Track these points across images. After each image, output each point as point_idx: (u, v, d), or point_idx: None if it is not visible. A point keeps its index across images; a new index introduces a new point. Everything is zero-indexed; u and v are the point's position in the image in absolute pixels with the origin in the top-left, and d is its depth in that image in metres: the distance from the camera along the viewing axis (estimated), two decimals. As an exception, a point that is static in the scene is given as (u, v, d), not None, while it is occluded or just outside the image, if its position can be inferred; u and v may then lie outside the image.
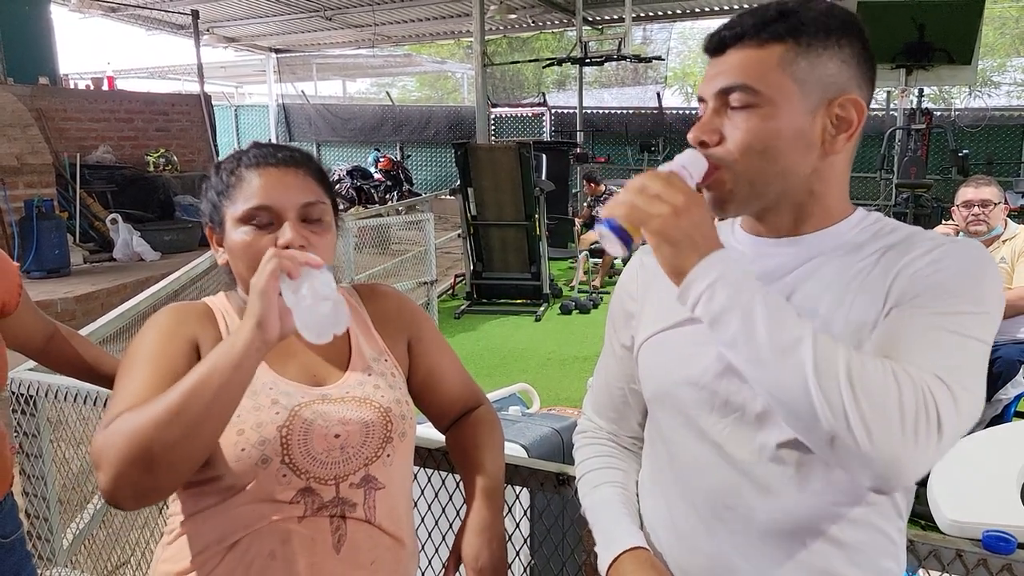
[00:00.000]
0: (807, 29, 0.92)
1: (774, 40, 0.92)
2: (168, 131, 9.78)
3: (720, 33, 0.96)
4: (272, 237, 1.13)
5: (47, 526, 2.36)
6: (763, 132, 0.92)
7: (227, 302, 1.24)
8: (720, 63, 0.95)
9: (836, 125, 0.93)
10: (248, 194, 1.14)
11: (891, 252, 0.94)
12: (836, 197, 0.98)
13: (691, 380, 1.00)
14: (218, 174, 1.20)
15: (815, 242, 0.98)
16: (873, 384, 0.77)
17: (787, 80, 0.91)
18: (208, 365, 0.97)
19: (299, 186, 1.16)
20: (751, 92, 0.92)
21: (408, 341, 1.33)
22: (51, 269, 6.95)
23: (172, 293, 3.74)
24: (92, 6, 12.69)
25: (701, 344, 0.99)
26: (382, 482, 1.18)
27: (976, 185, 3.60)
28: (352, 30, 15.54)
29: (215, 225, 1.21)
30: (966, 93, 14.09)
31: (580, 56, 9.39)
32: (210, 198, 1.21)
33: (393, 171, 14.47)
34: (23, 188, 7.22)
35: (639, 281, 1.14)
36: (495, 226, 7.73)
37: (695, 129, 0.96)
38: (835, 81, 0.92)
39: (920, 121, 8.32)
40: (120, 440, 0.94)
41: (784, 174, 0.94)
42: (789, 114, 0.92)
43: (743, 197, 0.96)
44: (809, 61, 0.91)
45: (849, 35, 0.93)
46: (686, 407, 1.02)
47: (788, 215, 0.98)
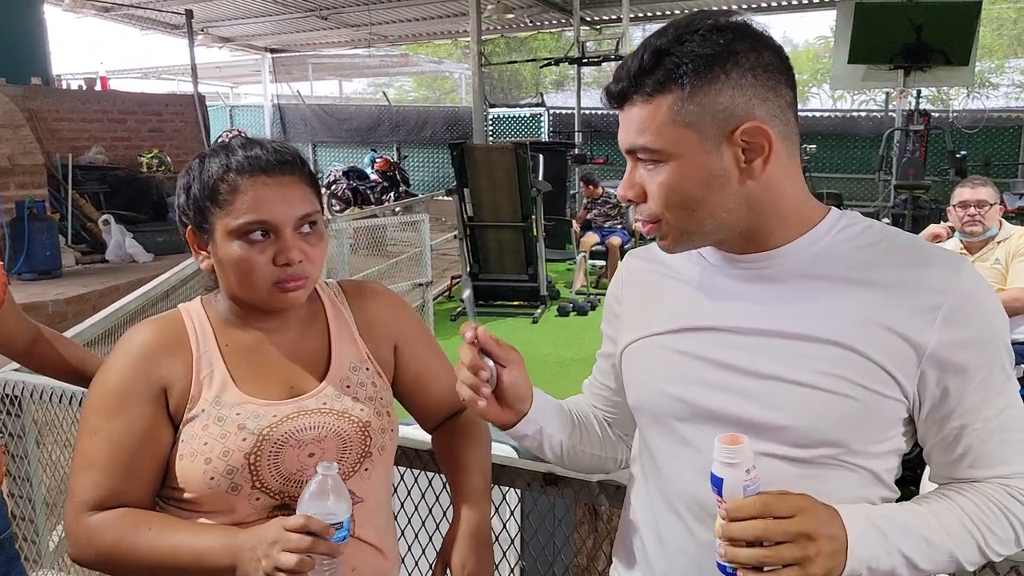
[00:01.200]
0: (685, 70, 0.88)
1: (658, 92, 0.89)
2: (162, 132, 9.73)
3: (610, 88, 0.95)
4: (268, 254, 1.10)
5: (33, 528, 2.34)
6: (675, 185, 0.91)
7: (203, 311, 1.20)
8: (623, 117, 0.95)
9: (747, 152, 0.90)
10: (244, 207, 1.09)
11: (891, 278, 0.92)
12: (791, 209, 0.95)
13: (668, 389, 1.01)
14: (204, 173, 1.13)
15: (786, 257, 0.96)
16: (1004, 540, 0.92)
17: (680, 129, 0.89)
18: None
19: (296, 197, 1.12)
20: (651, 151, 0.91)
21: (395, 345, 1.29)
22: (42, 271, 6.90)
23: (162, 295, 3.70)
24: (85, 6, 12.64)
25: (678, 352, 1.00)
26: (360, 496, 1.17)
27: (972, 185, 3.58)
28: (348, 30, 15.51)
29: (199, 229, 1.15)
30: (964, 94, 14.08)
31: (578, 56, 9.35)
32: (194, 199, 1.14)
33: (389, 172, 14.42)
34: (14, 189, 7.18)
35: (624, 286, 1.14)
36: (492, 227, 7.69)
37: (621, 188, 0.98)
38: (731, 112, 0.88)
39: (918, 122, 8.33)
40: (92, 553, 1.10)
41: (712, 215, 0.93)
42: (694, 160, 0.90)
43: (685, 241, 0.97)
44: (697, 103, 0.88)
45: (735, 56, 0.88)
46: (665, 415, 1.02)
47: (743, 240, 0.97)
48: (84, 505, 1.09)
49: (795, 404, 0.92)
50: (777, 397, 0.92)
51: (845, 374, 0.90)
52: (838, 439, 0.92)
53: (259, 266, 1.09)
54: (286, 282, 1.11)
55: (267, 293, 1.12)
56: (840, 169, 12.09)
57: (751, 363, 0.95)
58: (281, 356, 1.18)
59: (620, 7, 10.58)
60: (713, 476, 0.85)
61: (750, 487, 0.83)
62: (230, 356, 1.16)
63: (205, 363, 1.14)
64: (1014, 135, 12.44)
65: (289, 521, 0.98)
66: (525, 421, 1.11)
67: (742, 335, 0.96)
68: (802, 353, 0.92)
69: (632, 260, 1.16)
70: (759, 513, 0.82)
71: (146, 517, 1.09)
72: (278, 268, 1.10)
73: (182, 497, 1.11)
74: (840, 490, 0.93)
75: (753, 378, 0.94)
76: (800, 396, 0.91)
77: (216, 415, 1.10)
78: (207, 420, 1.10)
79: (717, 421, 0.96)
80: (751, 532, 0.81)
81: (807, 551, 0.81)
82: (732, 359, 0.96)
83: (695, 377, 0.98)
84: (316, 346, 1.21)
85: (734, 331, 0.97)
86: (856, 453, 0.93)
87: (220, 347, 1.16)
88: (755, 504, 0.82)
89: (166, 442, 1.12)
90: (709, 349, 0.98)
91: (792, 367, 0.92)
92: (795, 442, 0.92)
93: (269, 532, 0.99)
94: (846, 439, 0.92)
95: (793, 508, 0.82)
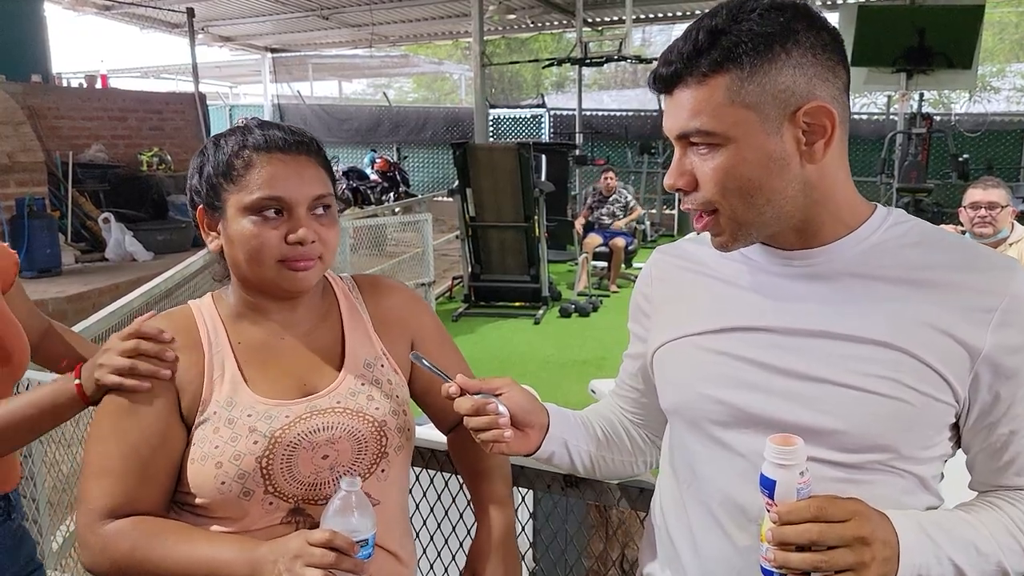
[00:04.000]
0: (745, 49, 0.85)
1: (714, 72, 0.86)
2: (162, 130, 9.71)
3: (659, 71, 0.90)
4: (280, 231, 1.07)
5: (37, 528, 2.32)
6: (733, 169, 0.88)
7: (213, 307, 1.17)
8: (672, 102, 0.91)
9: (808, 133, 0.87)
10: (258, 182, 1.07)
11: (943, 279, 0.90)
12: (843, 200, 0.93)
13: (709, 392, 0.97)
14: (218, 151, 1.11)
15: (835, 254, 0.93)
16: None
17: (740, 110, 0.86)
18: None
19: (311, 177, 1.10)
20: (708, 135, 0.87)
21: (411, 342, 1.26)
22: (42, 269, 6.87)
23: (164, 292, 3.68)
24: (86, 4, 12.61)
25: (719, 353, 0.97)
26: (376, 498, 1.13)
27: (985, 187, 3.57)
28: (349, 30, 15.48)
29: (211, 208, 1.12)
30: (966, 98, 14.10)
31: (580, 57, 9.34)
32: (207, 177, 1.12)
33: (389, 172, 14.40)
34: (14, 187, 7.14)
35: (654, 284, 1.10)
36: (494, 228, 7.67)
37: (669, 176, 0.93)
38: (793, 92, 0.86)
39: (920, 125, 8.32)
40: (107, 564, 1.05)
41: (771, 201, 0.89)
42: (753, 143, 0.87)
43: (742, 235, 0.93)
44: (757, 83, 0.85)
45: (795, 34, 0.85)
46: (704, 418, 0.98)
47: (795, 233, 0.94)
48: (98, 514, 1.05)
49: (845, 408, 0.89)
50: (826, 401, 0.90)
51: (896, 376, 0.88)
52: (888, 444, 0.89)
53: (269, 242, 1.07)
54: (296, 260, 1.08)
55: (275, 271, 1.09)
56: (841, 172, 12.07)
57: (798, 365, 0.92)
58: (293, 352, 1.15)
59: (622, 8, 10.57)
60: (764, 478, 0.82)
61: (803, 490, 0.80)
62: (242, 354, 1.13)
63: (217, 363, 1.12)
64: (1016, 139, 12.45)
65: (314, 535, 0.95)
66: (548, 438, 1.08)
67: (788, 336, 0.93)
68: (852, 355, 0.89)
69: (662, 256, 1.12)
70: (813, 516, 0.79)
71: (162, 526, 1.06)
72: (288, 246, 1.07)
73: (194, 502, 1.09)
74: (887, 496, 0.90)
75: (801, 381, 0.91)
76: (850, 400, 0.89)
77: (227, 417, 1.07)
78: (218, 423, 1.08)
79: (761, 425, 0.93)
80: (806, 536, 0.79)
81: (862, 556, 0.78)
82: (778, 361, 0.93)
83: (738, 379, 0.95)
84: (329, 341, 1.18)
85: (779, 331, 0.94)
86: (905, 458, 0.91)
87: (232, 345, 1.13)
88: (809, 507, 0.79)
89: (179, 445, 1.09)
90: (753, 350, 0.95)
91: (841, 369, 0.89)
92: (844, 447, 0.90)
93: (292, 545, 0.96)
94: (896, 443, 0.89)
95: (848, 512, 0.79)
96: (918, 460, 0.92)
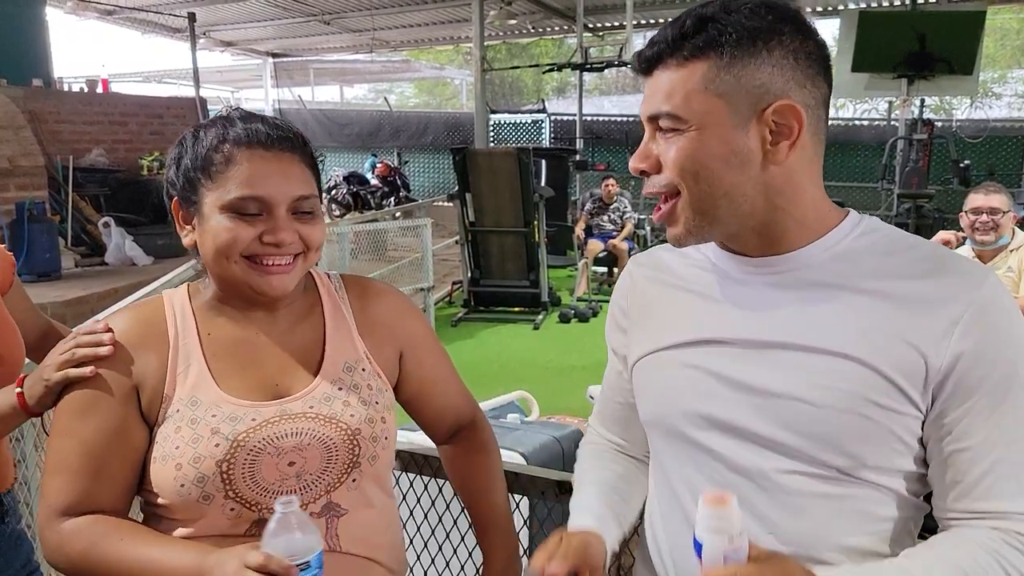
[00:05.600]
0: (728, 39, 0.85)
1: (695, 57, 0.86)
2: (162, 135, 9.69)
3: (643, 53, 0.90)
4: (257, 230, 1.02)
5: (30, 532, 2.28)
6: (693, 153, 0.87)
7: (187, 298, 1.13)
8: (649, 85, 0.90)
9: (775, 133, 0.87)
10: (238, 180, 1.02)
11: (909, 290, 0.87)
12: (809, 207, 0.91)
13: (686, 404, 0.97)
14: (197, 144, 1.06)
15: (799, 261, 0.92)
16: None
17: (711, 98, 0.86)
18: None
19: (294, 176, 1.05)
20: (675, 118, 0.87)
21: (400, 351, 1.21)
22: (42, 273, 6.85)
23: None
24: (88, 8, 12.62)
25: (689, 367, 0.96)
26: (345, 507, 1.09)
27: (986, 192, 3.54)
28: (350, 35, 15.48)
29: (186, 202, 1.08)
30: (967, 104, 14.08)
31: (581, 62, 9.34)
32: (184, 170, 1.07)
33: (390, 177, 14.40)
34: (14, 190, 7.14)
35: (630, 297, 1.09)
36: (493, 232, 7.66)
37: (633, 159, 0.92)
38: (767, 90, 0.86)
39: (922, 131, 8.30)
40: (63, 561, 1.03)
41: (729, 195, 0.88)
42: (718, 133, 0.86)
43: (697, 228, 0.91)
44: (734, 74, 0.85)
45: (781, 35, 0.86)
46: (682, 431, 0.98)
47: (757, 237, 0.92)
48: (55, 510, 1.03)
49: (805, 422, 0.88)
50: (787, 415, 0.89)
51: (856, 389, 0.86)
52: (852, 456, 0.88)
53: (240, 237, 1.01)
54: (264, 257, 1.03)
55: (241, 270, 1.03)
56: (842, 178, 12.05)
57: (760, 379, 0.91)
58: (268, 350, 1.10)
59: (623, 14, 10.57)
60: (694, 540, 0.79)
61: (732, 556, 0.77)
62: (210, 347, 1.08)
63: (183, 357, 1.07)
64: (1018, 145, 12.42)
65: (249, 557, 0.89)
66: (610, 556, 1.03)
67: (751, 348, 0.92)
68: (810, 367, 0.88)
69: (635, 268, 1.11)
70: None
71: (117, 526, 1.03)
72: (261, 244, 1.02)
73: (157, 502, 1.05)
74: (861, 507, 0.89)
75: (762, 395, 0.91)
76: (810, 414, 0.88)
77: (190, 416, 1.03)
78: (180, 422, 1.03)
79: (736, 436, 0.93)
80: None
81: None
82: (741, 374, 0.92)
83: (707, 393, 0.95)
84: (308, 341, 1.13)
85: (743, 343, 0.93)
86: (872, 471, 0.88)
87: (200, 337, 1.08)
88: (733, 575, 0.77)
89: (140, 444, 1.05)
90: (719, 363, 0.94)
91: (800, 383, 0.88)
92: (807, 459, 0.89)
93: (229, 566, 0.90)
94: (860, 456, 0.88)
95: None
96: (887, 473, 0.89)
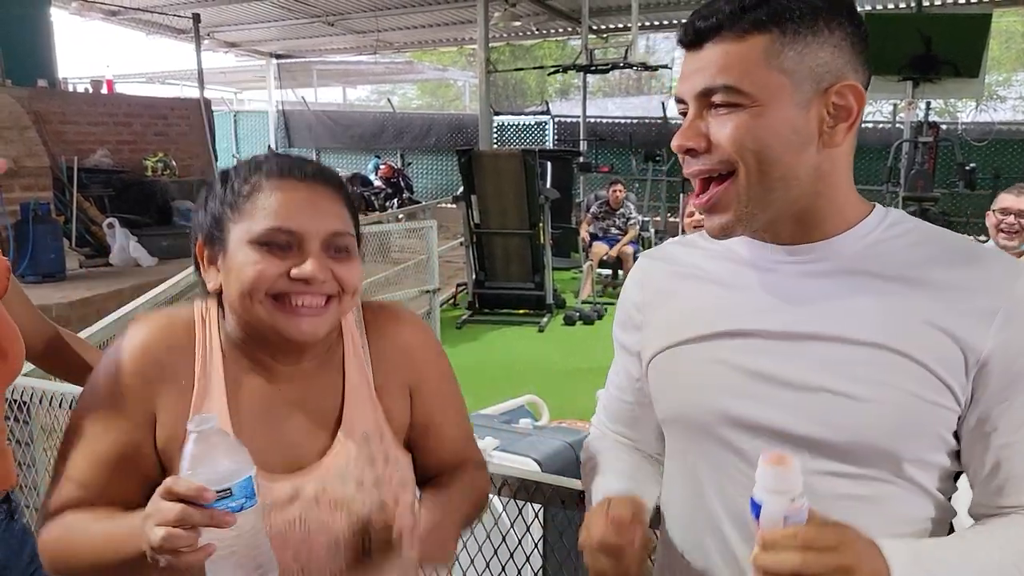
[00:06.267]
0: (792, 14, 0.82)
1: (756, 30, 0.83)
2: (167, 135, 9.69)
3: (695, 24, 0.86)
4: (286, 265, 0.93)
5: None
6: (755, 130, 0.83)
7: (216, 327, 1.02)
8: (698, 59, 0.86)
9: (834, 115, 0.85)
10: (267, 211, 0.94)
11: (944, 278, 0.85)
12: (846, 195, 0.90)
13: (711, 401, 0.93)
14: (227, 183, 0.98)
15: (834, 249, 0.89)
16: None
17: (775, 74, 0.83)
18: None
19: (328, 211, 0.97)
20: (736, 92, 0.83)
21: (409, 388, 1.11)
22: (46, 274, 6.84)
23: (169, 298, 3.65)
24: (92, 9, 12.62)
25: (714, 362, 0.93)
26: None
27: (1018, 192, 3.44)
28: (354, 36, 15.48)
29: (212, 242, 0.99)
30: (972, 107, 14.05)
31: (586, 64, 9.34)
32: (212, 209, 0.99)
33: (393, 178, 14.40)
34: (19, 191, 7.12)
35: (644, 291, 1.06)
36: (498, 234, 7.65)
37: (678, 136, 0.87)
38: (828, 68, 0.84)
39: (927, 134, 8.28)
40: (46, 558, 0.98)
41: (785, 179, 0.85)
42: (781, 112, 0.83)
43: (747, 214, 0.88)
44: (797, 51, 0.83)
45: (839, 17, 0.84)
46: (706, 430, 0.94)
47: (794, 224, 0.90)
48: (50, 513, 0.98)
49: (840, 417, 0.85)
50: (820, 410, 0.86)
51: (893, 381, 0.84)
52: (888, 453, 0.85)
53: (266, 273, 0.92)
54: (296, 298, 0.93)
55: (266, 311, 0.93)
56: (847, 180, 12.04)
57: (791, 372, 0.88)
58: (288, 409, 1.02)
59: (627, 16, 10.57)
60: (752, 501, 0.77)
61: (792, 517, 0.75)
62: (234, 397, 0.99)
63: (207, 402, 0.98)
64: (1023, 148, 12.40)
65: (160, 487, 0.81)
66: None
67: (781, 340, 0.89)
68: (845, 359, 0.85)
69: (648, 262, 1.08)
70: (796, 545, 0.73)
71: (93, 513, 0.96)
72: (289, 281, 0.93)
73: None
74: (893, 507, 0.87)
75: (794, 390, 0.88)
76: (844, 408, 0.85)
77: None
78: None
79: (763, 433, 0.89)
80: (787, 565, 0.73)
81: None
82: (771, 368, 0.89)
83: (734, 388, 0.91)
84: (328, 394, 1.05)
85: (771, 335, 0.90)
86: (908, 468, 0.86)
87: (226, 382, 1.00)
88: (794, 535, 0.74)
89: (150, 472, 0.98)
90: (746, 357, 0.91)
91: (835, 375, 0.85)
92: (843, 458, 0.86)
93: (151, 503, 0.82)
94: (897, 452, 0.85)
95: (834, 540, 0.74)
96: (923, 470, 0.87)
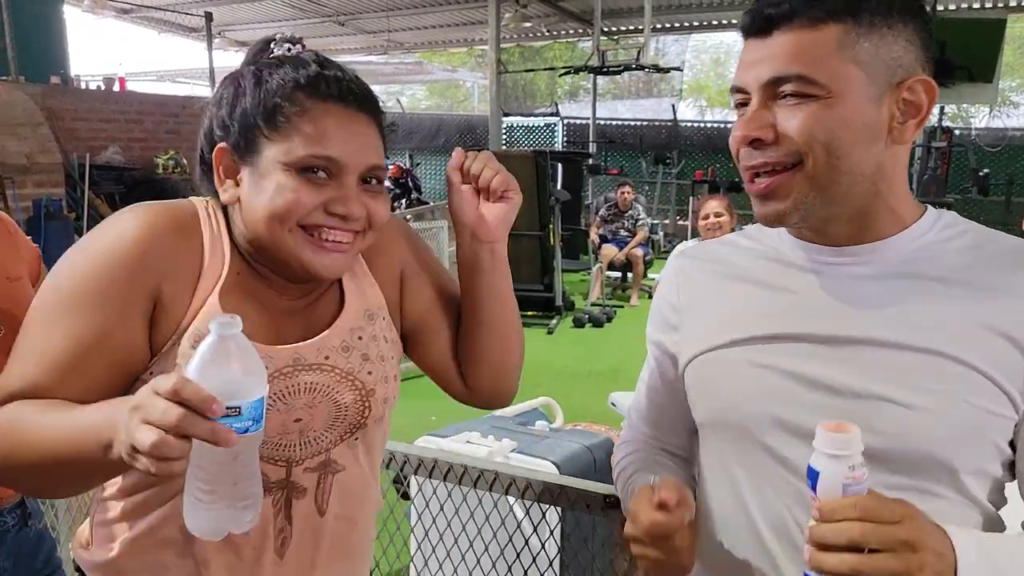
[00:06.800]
0: (868, 5, 0.81)
1: (831, 19, 0.81)
2: (178, 133, 9.71)
3: (764, 11, 0.83)
4: (322, 196, 0.90)
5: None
6: (827, 122, 0.81)
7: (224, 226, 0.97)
8: (765, 47, 0.83)
9: (903, 111, 0.83)
10: (309, 136, 0.89)
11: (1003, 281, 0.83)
12: (902, 196, 0.88)
13: (754, 407, 0.90)
14: (261, 86, 0.92)
15: (887, 251, 0.87)
16: None
17: (848, 66, 0.81)
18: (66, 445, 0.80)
19: (368, 143, 0.94)
20: (808, 82, 0.81)
21: (400, 275, 1.10)
22: (58, 269, 6.87)
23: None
24: (105, 7, 12.67)
25: (759, 366, 0.90)
26: (342, 464, 1.03)
27: None
28: (365, 36, 15.51)
29: (238, 151, 0.93)
30: (985, 113, 13.99)
31: (598, 65, 9.32)
32: (242, 114, 0.92)
33: (402, 179, 14.37)
34: (32, 187, 7.16)
35: (681, 291, 1.03)
36: (508, 235, 7.60)
37: (742, 126, 0.85)
38: (901, 63, 0.82)
39: (940, 139, 8.25)
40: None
41: (851, 173, 0.83)
42: (854, 103, 0.81)
43: (807, 205, 0.85)
44: (872, 42, 0.81)
45: (912, 13, 0.83)
46: (749, 437, 0.91)
47: (850, 223, 0.87)
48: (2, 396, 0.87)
49: (894, 426, 0.82)
50: (873, 418, 0.83)
51: (952, 389, 0.81)
52: (942, 464, 0.82)
53: (304, 204, 0.89)
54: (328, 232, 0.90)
55: (294, 241, 0.90)
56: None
57: (843, 378, 0.85)
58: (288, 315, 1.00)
59: (639, 18, 10.55)
60: (809, 468, 0.73)
61: (852, 486, 0.71)
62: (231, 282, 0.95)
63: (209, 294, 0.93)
64: (1037, 154, 12.33)
65: (161, 383, 0.69)
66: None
67: (831, 345, 0.86)
68: (900, 365, 0.83)
69: (685, 260, 1.05)
70: (857, 515, 0.69)
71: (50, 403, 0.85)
72: (324, 215, 0.90)
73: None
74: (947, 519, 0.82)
75: (845, 397, 0.85)
76: (899, 417, 0.82)
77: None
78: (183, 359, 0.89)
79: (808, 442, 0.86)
80: (845, 535, 0.69)
81: (909, 564, 0.69)
82: (821, 374, 0.86)
83: (782, 394, 0.88)
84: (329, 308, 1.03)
85: (821, 340, 0.87)
86: (962, 479, 0.84)
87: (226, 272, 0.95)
88: (854, 505, 0.70)
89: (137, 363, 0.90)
90: (794, 362, 0.88)
91: (887, 382, 0.83)
92: (895, 469, 0.83)
93: (140, 395, 0.71)
94: (951, 463, 0.82)
95: (897, 514, 0.71)
96: (977, 481, 0.85)
